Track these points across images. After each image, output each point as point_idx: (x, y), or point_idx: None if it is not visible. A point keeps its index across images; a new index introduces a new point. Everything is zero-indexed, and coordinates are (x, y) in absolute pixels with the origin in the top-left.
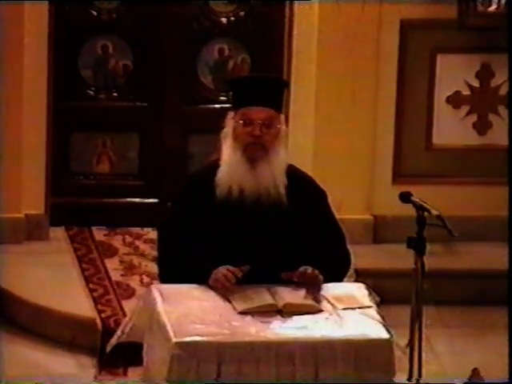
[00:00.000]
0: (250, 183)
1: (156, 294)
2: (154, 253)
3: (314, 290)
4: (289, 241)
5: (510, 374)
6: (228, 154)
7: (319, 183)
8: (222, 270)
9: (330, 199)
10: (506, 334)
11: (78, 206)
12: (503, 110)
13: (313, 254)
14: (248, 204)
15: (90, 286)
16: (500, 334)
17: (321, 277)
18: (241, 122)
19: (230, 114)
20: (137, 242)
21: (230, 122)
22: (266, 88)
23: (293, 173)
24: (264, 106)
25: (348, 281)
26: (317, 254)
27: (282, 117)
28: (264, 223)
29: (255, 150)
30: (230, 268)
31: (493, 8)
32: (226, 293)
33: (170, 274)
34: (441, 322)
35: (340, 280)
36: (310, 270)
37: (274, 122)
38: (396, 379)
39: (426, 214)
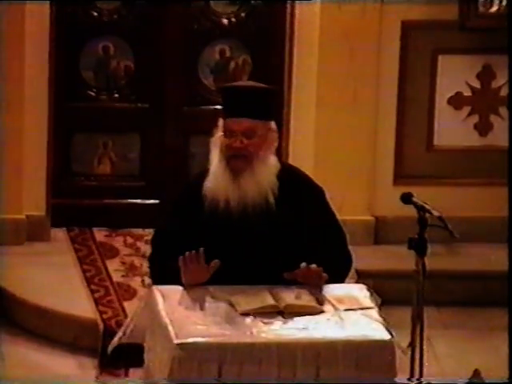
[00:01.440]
0: (233, 195)
1: (157, 295)
2: None
3: (315, 291)
4: (283, 248)
5: (510, 375)
6: (214, 164)
7: (320, 184)
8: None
9: (328, 196)
10: (507, 335)
11: (79, 207)
12: (504, 111)
13: (313, 255)
14: (235, 215)
15: (91, 287)
16: (501, 335)
17: (325, 274)
18: (222, 133)
19: (220, 122)
20: (138, 243)
21: (218, 131)
22: (249, 99)
23: (288, 173)
24: (246, 117)
25: (349, 282)
26: (317, 254)
27: (272, 123)
28: (252, 234)
29: (238, 162)
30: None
31: (494, 9)
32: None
33: (160, 279)
34: (442, 323)
35: (341, 281)
36: (314, 265)
37: (258, 132)
38: (397, 380)
39: (427, 215)
